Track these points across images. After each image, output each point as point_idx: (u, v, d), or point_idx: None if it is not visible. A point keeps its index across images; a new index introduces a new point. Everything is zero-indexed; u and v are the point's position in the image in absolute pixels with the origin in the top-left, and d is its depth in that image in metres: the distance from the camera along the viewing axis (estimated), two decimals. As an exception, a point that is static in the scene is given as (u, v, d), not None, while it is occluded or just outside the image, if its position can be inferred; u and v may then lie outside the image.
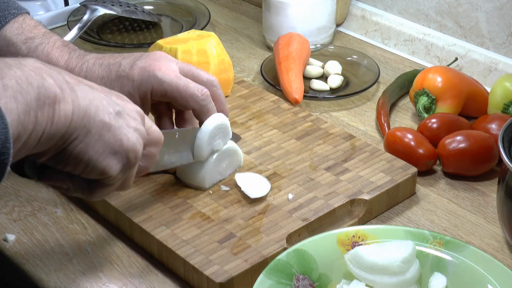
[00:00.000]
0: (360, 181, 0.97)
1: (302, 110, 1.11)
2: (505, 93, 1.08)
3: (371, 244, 0.82)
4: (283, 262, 0.81)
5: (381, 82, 1.26)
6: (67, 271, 0.89)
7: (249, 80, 1.27)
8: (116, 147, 0.75)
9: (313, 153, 1.02)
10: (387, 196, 0.96)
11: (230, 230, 0.89)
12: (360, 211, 0.94)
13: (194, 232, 0.89)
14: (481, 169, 1.03)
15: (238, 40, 1.40)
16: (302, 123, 1.08)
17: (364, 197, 0.94)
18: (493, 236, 0.94)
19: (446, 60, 1.29)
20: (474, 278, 0.80)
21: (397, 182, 0.97)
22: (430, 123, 1.07)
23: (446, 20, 1.30)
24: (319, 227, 0.91)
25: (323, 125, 1.08)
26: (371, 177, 0.98)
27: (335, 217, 0.93)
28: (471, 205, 0.99)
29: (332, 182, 0.97)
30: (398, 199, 0.99)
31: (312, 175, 0.98)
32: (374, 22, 1.38)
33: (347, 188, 0.96)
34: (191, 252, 0.86)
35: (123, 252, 0.91)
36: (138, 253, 0.91)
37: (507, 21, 1.21)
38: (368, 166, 1.00)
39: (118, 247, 0.92)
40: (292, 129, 1.07)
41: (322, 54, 1.31)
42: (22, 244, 0.93)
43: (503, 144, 0.86)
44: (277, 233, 0.89)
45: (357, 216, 0.94)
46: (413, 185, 1.00)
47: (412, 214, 0.97)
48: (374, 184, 0.97)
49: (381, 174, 0.98)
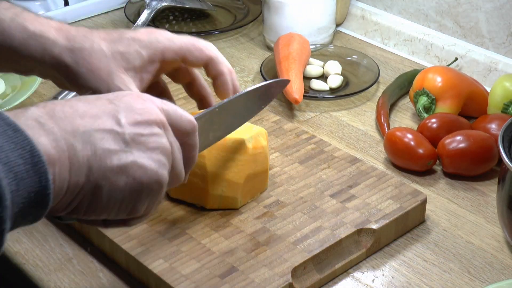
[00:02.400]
0: (367, 209, 0.92)
1: (305, 132, 1.07)
2: (505, 93, 1.08)
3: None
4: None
5: (381, 82, 1.26)
6: (67, 271, 0.89)
7: (249, 80, 1.27)
8: (135, 187, 0.67)
9: (318, 178, 0.98)
10: (395, 224, 0.92)
11: (232, 263, 0.85)
12: (368, 241, 0.90)
13: (194, 265, 0.84)
14: (481, 169, 1.03)
15: (238, 40, 1.40)
16: (305, 146, 1.04)
17: (372, 226, 0.90)
18: (493, 236, 0.94)
19: (446, 60, 1.29)
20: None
21: (406, 210, 0.93)
22: (430, 123, 1.07)
23: (446, 20, 1.30)
24: (326, 259, 0.87)
25: (327, 148, 1.03)
26: (379, 205, 0.93)
27: (342, 248, 0.89)
28: (471, 205, 0.99)
29: (338, 210, 0.92)
30: (407, 228, 0.94)
31: (316, 203, 0.94)
32: (374, 22, 1.38)
33: (354, 216, 0.91)
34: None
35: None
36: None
37: (507, 21, 1.21)
38: (375, 192, 0.95)
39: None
40: (295, 152, 1.03)
41: (322, 54, 1.31)
42: (22, 244, 0.92)
43: (503, 144, 0.86)
44: (281, 266, 0.84)
45: (365, 247, 0.90)
46: (423, 212, 0.95)
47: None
48: (382, 212, 0.92)
49: (389, 201, 0.94)
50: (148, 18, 1.37)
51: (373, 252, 0.91)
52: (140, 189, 0.68)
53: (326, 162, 1.01)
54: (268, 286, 0.82)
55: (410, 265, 0.90)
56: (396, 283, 0.87)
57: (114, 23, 1.47)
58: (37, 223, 0.95)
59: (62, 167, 0.62)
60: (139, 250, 0.87)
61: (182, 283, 0.82)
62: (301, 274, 0.85)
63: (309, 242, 0.88)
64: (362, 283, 0.87)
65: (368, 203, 0.94)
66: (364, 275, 0.88)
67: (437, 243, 0.93)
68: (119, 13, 1.50)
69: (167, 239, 0.88)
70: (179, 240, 0.88)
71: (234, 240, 0.88)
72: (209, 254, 0.86)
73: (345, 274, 0.88)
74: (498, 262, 0.90)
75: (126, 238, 0.88)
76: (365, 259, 0.91)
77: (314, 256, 0.86)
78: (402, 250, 0.92)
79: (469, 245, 0.93)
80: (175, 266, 0.84)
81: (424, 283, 0.87)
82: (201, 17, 1.47)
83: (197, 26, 1.44)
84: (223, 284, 0.82)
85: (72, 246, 0.92)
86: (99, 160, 0.65)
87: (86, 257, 0.91)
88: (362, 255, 0.90)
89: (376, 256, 0.91)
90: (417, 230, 0.95)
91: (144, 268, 0.85)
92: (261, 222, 0.90)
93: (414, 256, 0.91)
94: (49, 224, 0.95)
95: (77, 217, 0.69)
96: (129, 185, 0.67)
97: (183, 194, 0.93)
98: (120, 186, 0.66)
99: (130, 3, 1.49)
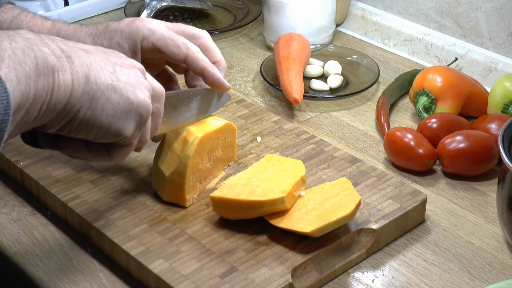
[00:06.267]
0: (367, 209, 0.92)
1: (304, 132, 1.07)
2: (505, 93, 1.08)
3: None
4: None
5: (381, 82, 1.26)
6: (67, 271, 0.89)
7: (249, 80, 1.27)
8: (126, 106, 0.75)
9: (318, 178, 0.98)
10: (395, 224, 0.92)
11: (232, 263, 0.85)
12: (368, 241, 0.90)
13: (194, 265, 0.84)
14: (481, 169, 1.03)
15: (238, 40, 1.40)
16: (305, 146, 1.04)
17: (372, 227, 0.90)
18: (493, 236, 0.94)
19: (446, 60, 1.29)
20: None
21: (406, 210, 0.93)
22: (430, 123, 1.07)
23: (446, 20, 1.30)
24: (326, 259, 0.88)
25: (327, 148, 1.03)
26: (379, 205, 0.93)
27: (342, 248, 0.89)
28: (471, 205, 0.99)
29: None
30: (407, 228, 0.94)
31: None
32: (374, 22, 1.38)
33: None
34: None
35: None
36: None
37: (507, 21, 1.21)
38: (375, 192, 0.95)
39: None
40: (295, 152, 1.03)
41: (322, 54, 1.31)
42: (22, 244, 0.92)
43: (503, 144, 0.86)
44: (281, 266, 0.84)
45: (365, 247, 0.90)
46: (423, 212, 0.95)
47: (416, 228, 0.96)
48: (382, 212, 0.92)
49: (389, 201, 0.94)
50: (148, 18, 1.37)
51: (373, 252, 0.91)
52: (130, 109, 0.76)
53: (326, 162, 1.01)
54: (268, 286, 0.82)
55: (410, 265, 0.90)
56: (396, 283, 0.87)
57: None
58: (38, 223, 0.95)
59: (65, 74, 0.70)
60: (139, 250, 0.86)
61: (182, 283, 0.82)
62: (301, 274, 0.85)
63: (309, 242, 0.88)
64: (362, 283, 0.87)
65: (368, 203, 0.94)
66: (364, 275, 0.88)
67: (437, 243, 0.93)
68: (119, 13, 1.50)
69: (167, 239, 0.88)
70: (179, 240, 0.88)
71: (234, 240, 0.88)
72: (209, 254, 0.86)
73: (345, 274, 0.88)
74: (498, 262, 0.90)
75: (126, 238, 0.88)
76: (365, 259, 0.91)
77: (314, 256, 0.86)
78: (402, 250, 0.92)
79: (469, 245, 0.93)
80: (175, 266, 0.84)
81: (424, 283, 0.87)
82: (201, 17, 1.47)
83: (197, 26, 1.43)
84: (223, 284, 0.82)
85: (72, 246, 0.92)
86: (95, 76, 0.73)
87: (86, 257, 0.91)
88: (362, 255, 0.90)
89: (376, 256, 0.91)
90: (417, 230, 0.95)
91: (144, 268, 0.85)
92: (261, 222, 0.90)
93: (414, 256, 0.91)
94: (49, 224, 0.95)
95: (60, 146, 0.77)
96: (121, 103, 0.75)
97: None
98: (114, 101, 0.74)
99: (130, 3, 1.49)
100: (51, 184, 0.96)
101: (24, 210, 0.98)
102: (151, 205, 0.93)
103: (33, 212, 0.97)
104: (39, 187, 0.97)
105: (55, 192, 0.95)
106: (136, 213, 0.92)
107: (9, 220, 0.96)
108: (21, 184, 1.01)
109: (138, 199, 0.94)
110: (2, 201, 0.99)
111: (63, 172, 0.98)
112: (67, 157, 1.00)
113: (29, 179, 0.98)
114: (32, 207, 0.98)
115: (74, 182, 0.97)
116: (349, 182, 0.91)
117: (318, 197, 0.90)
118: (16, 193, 1.00)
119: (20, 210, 0.98)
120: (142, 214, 0.92)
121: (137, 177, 0.98)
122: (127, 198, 0.94)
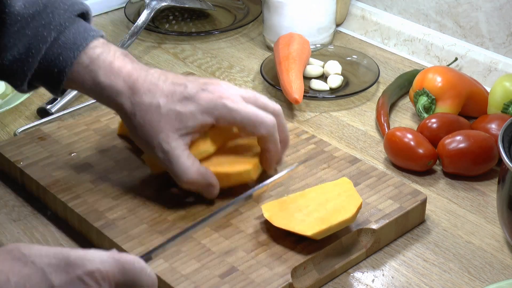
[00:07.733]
0: (367, 209, 0.92)
1: (305, 132, 1.07)
2: (505, 93, 1.08)
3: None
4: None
5: (381, 82, 1.26)
6: (67, 271, 0.89)
7: (249, 80, 1.27)
8: None
9: (318, 178, 0.98)
10: (395, 224, 0.92)
11: (232, 263, 0.85)
12: (368, 241, 0.90)
13: (194, 265, 0.84)
14: (481, 169, 1.03)
15: (238, 40, 1.40)
16: (305, 146, 1.04)
17: (372, 227, 0.89)
18: (493, 236, 0.94)
19: (446, 60, 1.29)
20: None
21: (406, 210, 0.92)
22: (430, 123, 1.07)
23: (446, 20, 1.30)
24: (326, 259, 0.87)
25: (327, 148, 1.03)
26: (379, 205, 0.93)
27: (342, 248, 0.89)
28: (471, 205, 0.99)
29: None
30: (407, 228, 0.94)
31: None
32: (374, 22, 1.38)
33: None
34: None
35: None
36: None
37: (507, 21, 1.21)
38: (375, 192, 0.95)
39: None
40: (295, 152, 1.03)
41: (322, 54, 1.31)
42: (22, 244, 0.92)
43: (503, 144, 0.86)
44: (281, 266, 0.84)
45: (365, 247, 0.90)
46: (423, 212, 0.95)
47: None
48: (382, 212, 0.92)
49: (389, 201, 0.94)
50: (148, 18, 1.37)
51: (373, 252, 0.91)
52: None
53: (326, 162, 1.01)
54: (268, 286, 0.82)
55: (410, 265, 0.90)
56: (396, 283, 0.87)
57: (114, 23, 1.47)
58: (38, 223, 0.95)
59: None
60: (139, 250, 0.86)
61: (182, 283, 0.82)
62: (301, 274, 0.85)
63: (309, 241, 0.87)
64: (362, 283, 0.87)
65: (368, 203, 0.94)
66: (364, 275, 0.88)
67: (437, 243, 0.93)
68: (119, 13, 1.50)
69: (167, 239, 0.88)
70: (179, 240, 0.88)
71: (234, 240, 0.88)
72: (209, 254, 0.86)
73: (345, 274, 0.88)
74: (498, 262, 0.90)
75: (126, 238, 0.88)
76: (365, 259, 0.91)
77: (314, 256, 0.86)
78: (402, 250, 0.92)
79: (469, 245, 0.93)
80: (175, 266, 0.84)
81: (424, 283, 0.87)
82: (201, 17, 1.47)
83: (197, 26, 1.44)
84: (223, 284, 0.82)
85: (72, 246, 0.92)
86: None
87: (86, 257, 0.91)
88: (362, 255, 0.90)
89: (376, 256, 0.91)
90: (417, 230, 0.95)
91: None
92: (261, 222, 0.90)
93: (414, 256, 0.91)
94: (49, 224, 0.95)
95: None
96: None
97: None
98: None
99: (130, 3, 1.49)
100: (51, 184, 0.96)
101: (24, 210, 0.98)
102: (151, 205, 0.93)
103: (33, 212, 0.97)
104: (39, 187, 0.97)
105: (55, 192, 0.95)
106: (136, 213, 0.92)
107: (9, 220, 0.96)
108: (21, 184, 1.01)
109: (138, 199, 0.94)
110: (2, 201, 0.99)
111: (63, 172, 0.99)
112: (67, 157, 1.01)
113: (29, 179, 0.98)
114: (32, 207, 0.98)
115: (74, 182, 0.97)
116: (350, 183, 0.91)
117: (319, 198, 0.90)
118: (16, 193, 1.00)
119: (20, 210, 0.98)
120: (142, 214, 0.92)
121: (137, 177, 0.98)
122: (127, 198, 0.94)
